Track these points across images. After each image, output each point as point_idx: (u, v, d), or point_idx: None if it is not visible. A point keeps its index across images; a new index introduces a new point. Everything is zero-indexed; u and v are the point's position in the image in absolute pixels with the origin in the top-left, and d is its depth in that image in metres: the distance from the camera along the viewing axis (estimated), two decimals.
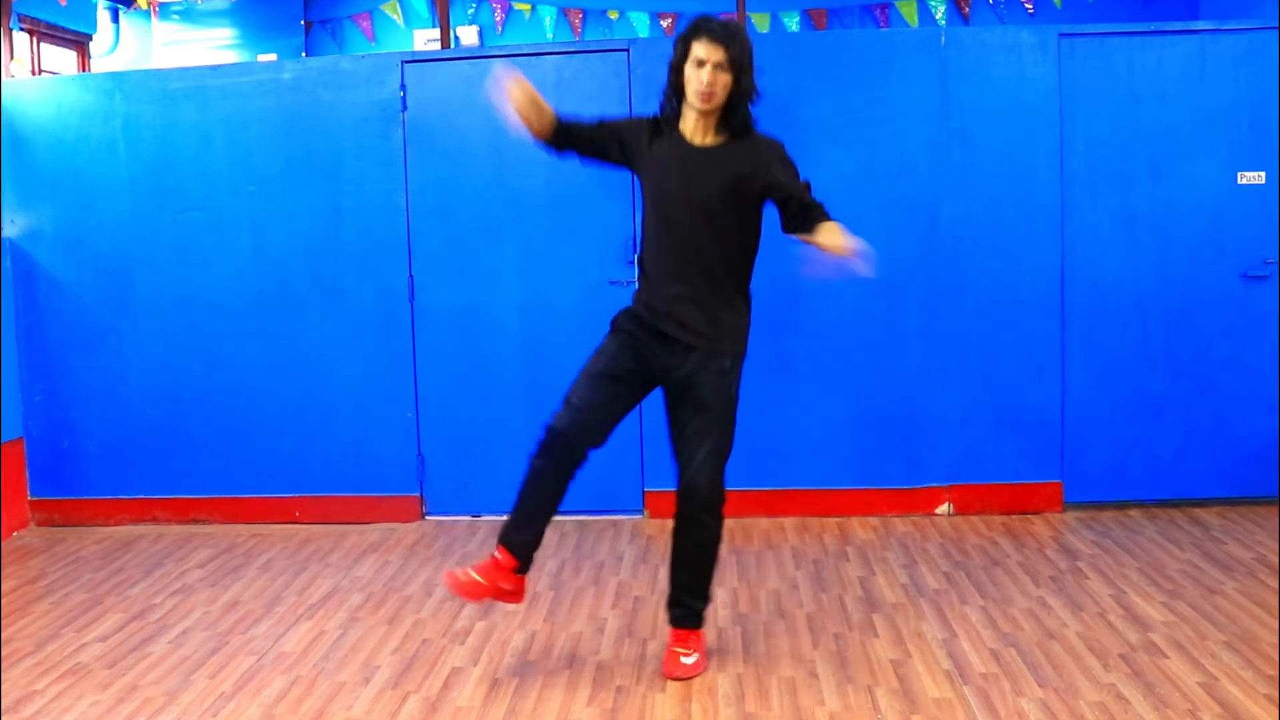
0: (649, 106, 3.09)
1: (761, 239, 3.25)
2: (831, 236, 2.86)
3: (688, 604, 3.10)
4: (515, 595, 3.10)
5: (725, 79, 2.88)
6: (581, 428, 2.97)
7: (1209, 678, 2.94)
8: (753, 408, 4.50)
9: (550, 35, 7.88)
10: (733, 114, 2.95)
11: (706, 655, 3.15)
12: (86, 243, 4.67)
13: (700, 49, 2.87)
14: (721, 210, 2.96)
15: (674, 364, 2.98)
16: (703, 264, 2.96)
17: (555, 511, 3.08)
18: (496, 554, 3.07)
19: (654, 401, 3.16)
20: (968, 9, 7.63)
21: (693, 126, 2.98)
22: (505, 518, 3.12)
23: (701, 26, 2.90)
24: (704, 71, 2.86)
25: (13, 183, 4.68)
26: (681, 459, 2.99)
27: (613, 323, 3.08)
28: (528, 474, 3.06)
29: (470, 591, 3.05)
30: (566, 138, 3.06)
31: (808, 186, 3.03)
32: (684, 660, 3.06)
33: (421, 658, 3.27)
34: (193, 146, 4.60)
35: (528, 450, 4.54)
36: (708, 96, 2.88)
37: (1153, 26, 4.40)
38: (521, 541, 3.07)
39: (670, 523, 3.14)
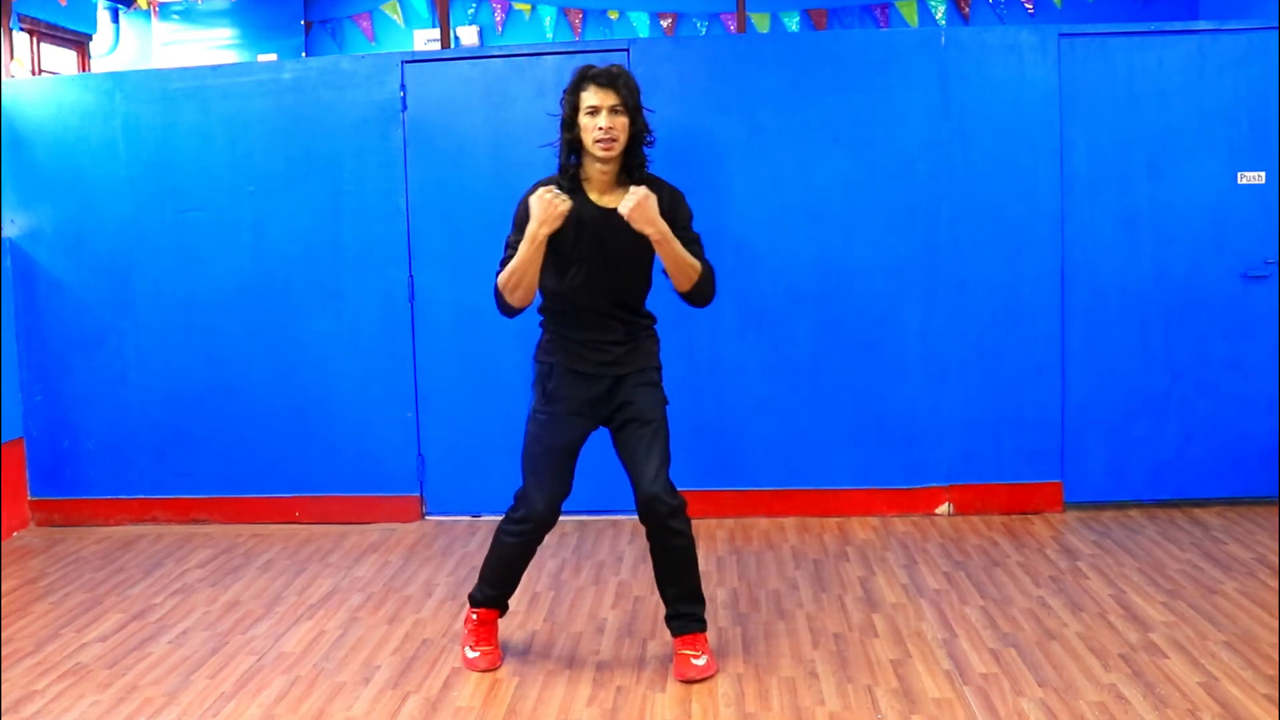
0: (650, 104, 3.08)
1: (756, 251, 3.28)
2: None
3: (685, 612, 3.09)
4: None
5: (623, 121, 2.87)
6: (555, 503, 3.06)
7: (1209, 678, 2.94)
8: (753, 408, 4.52)
9: (550, 35, 7.89)
10: (632, 157, 2.94)
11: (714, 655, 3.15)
12: (86, 243, 4.67)
13: (591, 97, 2.86)
14: (634, 263, 3.00)
15: (611, 395, 3.05)
16: (618, 309, 3.02)
17: (520, 576, 3.21)
18: (474, 616, 3.22)
19: None
20: (968, 9, 7.63)
21: (596, 182, 2.96)
22: (479, 582, 3.21)
23: (586, 75, 2.90)
24: (600, 118, 2.85)
25: (13, 183, 4.68)
26: (635, 474, 3.01)
27: (540, 392, 3.08)
28: (501, 546, 3.14)
29: (498, 659, 3.19)
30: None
31: (698, 239, 3.04)
32: (695, 662, 3.05)
33: (421, 658, 3.27)
34: (193, 146, 4.60)
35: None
36: (609, 144, 2.86)
37: (1153, 26, 4.40)
38: (499, 595, 3.21)
39: None
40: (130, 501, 4.75)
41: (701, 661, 3.05)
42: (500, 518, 4.63)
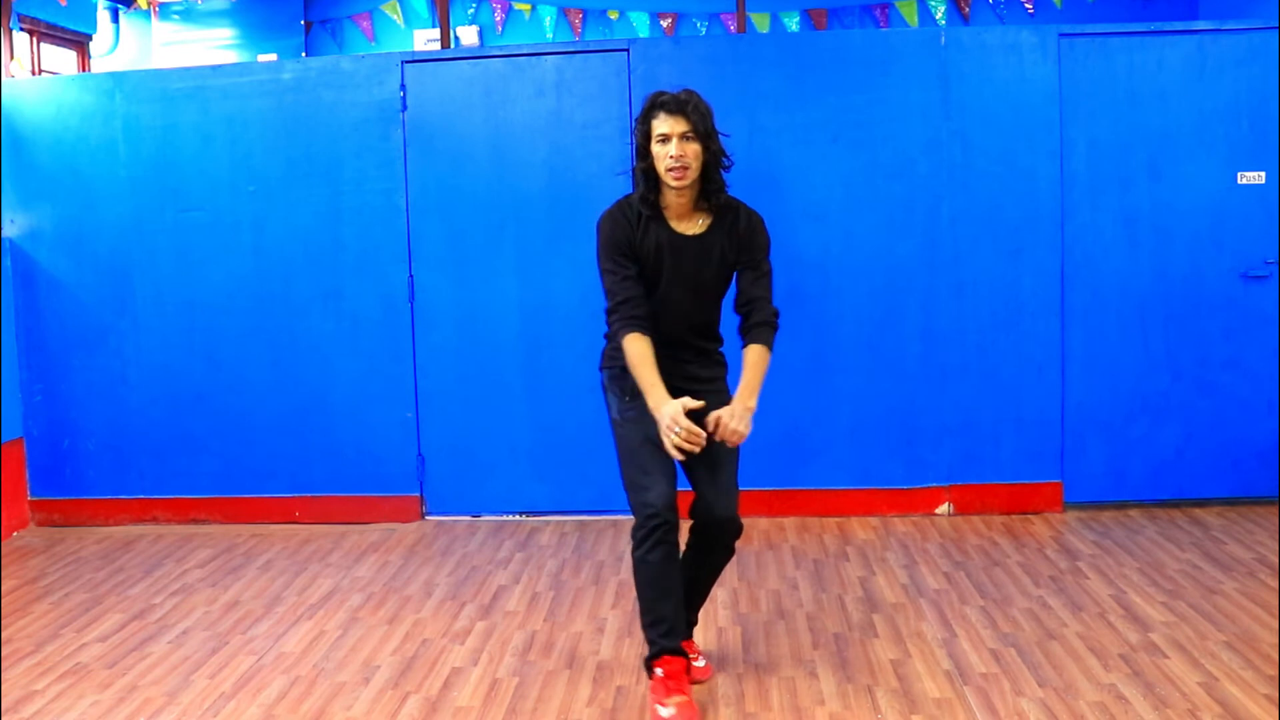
0: None
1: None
2: (733, 418, 2.82)
3: (691, 620, 3.09)
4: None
5: (695, 149, 2.80)
6: (669, 495, 2.82)
7: (1209, 678, 2.94)
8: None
9: (550, 35, 7.89)
10: (708, 183, 2.87)
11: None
12: (86, 243, 4.67)
13: (661, 124, 2.80)
14: (714, 290, 2.96)
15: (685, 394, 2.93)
16: (692, 334, 2.97)
17: (682, 588, 2.89)
18: (659, 671, 2.84)
19: None
20: (968, 9, 7.63)
21: (675, 209, 2.90)
22: (644, 630, 2.89)
23: (656, 102, 2.84)
24: (671, 146, 2.79)
25: (13, 183, 4.68)
26: (705, 489, 2.91)
27: (619, 395, 2.96)
28: (642, 571, 2.83)
29: (689, 713, 2.79)
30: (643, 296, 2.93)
31: (768, 273, 2.96)
32: (697, 664, 3.06)
33: (421, 658, 3.27)
34: (193, 147, 4.60)
35: (528, 450, 4.59)
36: (681, 171, 2.80)
37: (1153, 26, 4.40)
38: (668, 633, 2.86)
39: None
40: (130, 501, 4.75)
41: (702, 664, 3.07)
42: (501, 517, 4.67)
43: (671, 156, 2.79)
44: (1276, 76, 4.32)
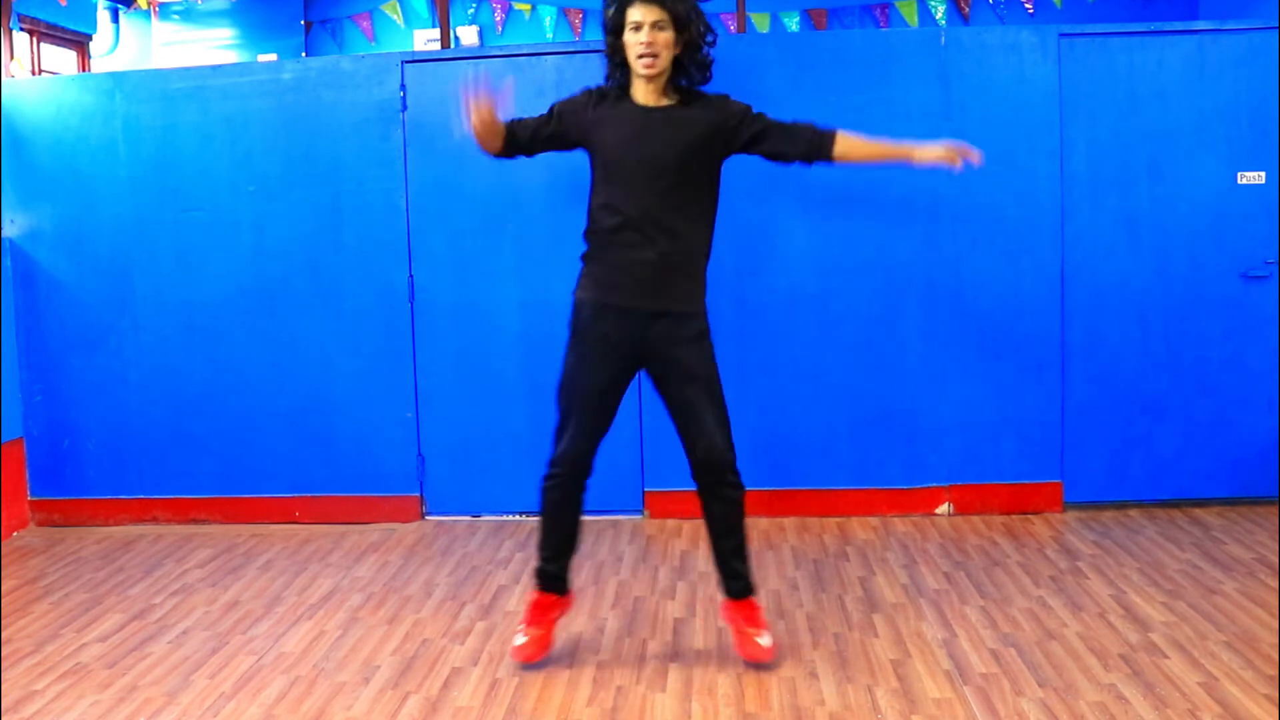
0: None
1: (756, 251, 3.22)
2: (924, 152, 3.02)
3: (740, 571, 3.10)
4: (567, 607, 3.23)
5: (666, 37, 2.81)
6: (585, 450, 2.98)
7: (1209, 678, 2.94)
8: (753, 408, 4.52)
9: (550, 35, 7.89)
10: (682, 72, 2.87)
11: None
12: (86, 243, 4.67)
13: (635, 12, 2.81)
14: (679, 172, 2.90)
15: (647, 339, 2.95)
16: (663, 229, 2.90)
17: (580, 529, 3.15)
18: (531, 597, 3.19)
19: (654, 400, 3.15)
20: (968, 9, 7.64)
21: (644, 92, 2.91)
22: (537, 556, 3.19)
23: None
24: (642, 34, 2.80)
25: (13, 183, 4.68)
26: (690, 433, 2.97)
27: (573, 329, 3.01)
28: (545, 508, 3.10)
29: (541, 648, 3.15)
30: (514, 144, 3.05)
31: (774, 120, 3.00)
32: (760, 641, 3.04)
33: (421, 658, 3.27)
34: (193, 147, 4.59)
35: (528, 450, 4.60)
36: (651, 60, 2.81)
37: (1153, 26, 4.40)
38: (549, 564, 3.16)
39: (669, 523, 3.13)
40: (130, 501, 4.75)
41: (767, 642, 3.05)
42: (501, 517, 4.67)
43: (642, 44, 2.80)
44: (1276, 76, 4.32)
